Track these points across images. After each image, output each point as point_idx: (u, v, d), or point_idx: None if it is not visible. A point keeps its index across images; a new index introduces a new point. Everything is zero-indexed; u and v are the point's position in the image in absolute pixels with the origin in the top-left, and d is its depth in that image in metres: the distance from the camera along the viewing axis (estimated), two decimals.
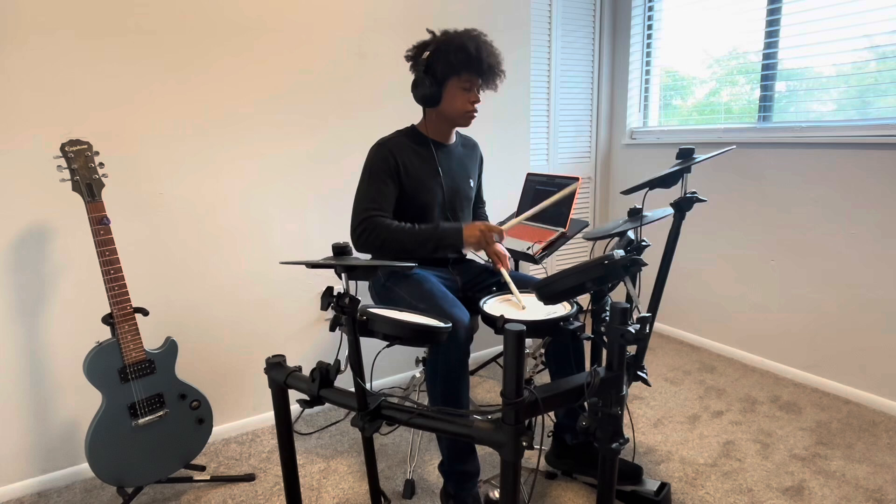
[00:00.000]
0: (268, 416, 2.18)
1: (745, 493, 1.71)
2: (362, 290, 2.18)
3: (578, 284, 1.16)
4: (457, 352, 1.47)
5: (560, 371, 1.71)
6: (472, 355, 2.69)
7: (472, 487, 1.56)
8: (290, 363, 2.17)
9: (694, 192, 1.54)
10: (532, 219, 2.27)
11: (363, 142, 2.18)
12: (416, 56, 1.66)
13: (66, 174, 1.47)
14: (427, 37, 1.66)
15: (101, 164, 1.51)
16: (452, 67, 1.59)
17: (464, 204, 1.82)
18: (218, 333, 2.03)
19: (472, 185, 1.85)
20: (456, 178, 1.78)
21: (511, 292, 1.60)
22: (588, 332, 1.41)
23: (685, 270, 2.90)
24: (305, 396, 1.17)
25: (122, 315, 1.54)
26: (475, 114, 1.69)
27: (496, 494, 1.61)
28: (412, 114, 1.91)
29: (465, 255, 1.92)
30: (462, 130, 1.91)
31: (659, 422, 2.13)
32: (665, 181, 1.48)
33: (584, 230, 1.86)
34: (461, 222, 1.74)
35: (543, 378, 2.23)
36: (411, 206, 1.70)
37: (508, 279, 1.63)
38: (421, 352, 2.16)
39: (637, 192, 1.48)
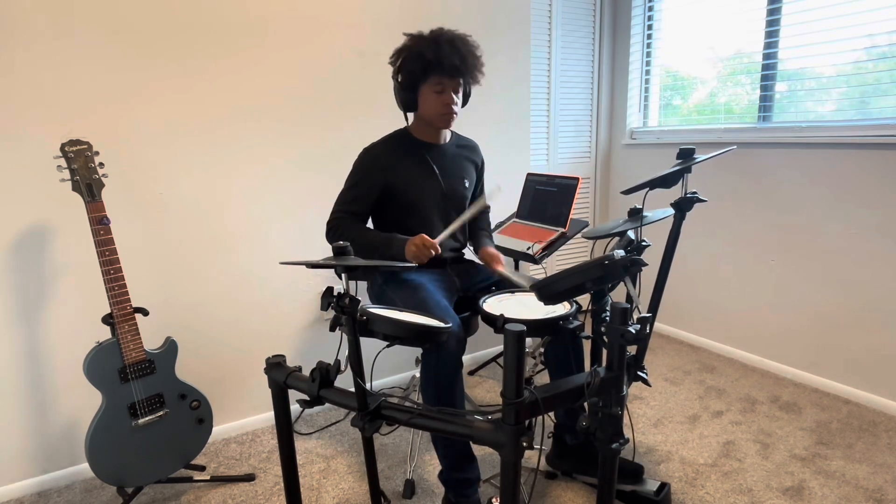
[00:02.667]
0: (268, 416, 2.18)
1: (745, 493, 1.71)
2: (362, 291, 2.18)
3: (578, 284, 1.16)
4: (448, 360, 1.46)
5: (559, 371, 1.71)
6: (472, 355, 2.69)
7: (472, 493, 1.56)
8: (290, 363, 2.16)
9: (694, 193, 1.54)
10: (532, 219, 2.27)
11: (363, 141, 2.16)
12: (393, 63, 1.67)
13: (66, 174, 1.47)
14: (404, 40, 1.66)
15: (101, 164, 1.51)
16: (416, 75, 1.60)
17: (459, 204, 1.82)
18: (218, 333, 2.03)
19: (466, 185, 1.83)
20: (449, 179, 1.78)
21: (515, 284, 1.66)
22: (588, 332, 1.41)
23: (685, 270, 2.90)
24: (305, 396, 1.17)
25: (122, 315, 1.54)
26: (452, 115, 1.67)
27: (497, 501, 1.60)
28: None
29: (463, 255, 1.92)
30: (461, 131, 1.90)
31: (659, 422, 2.13)
32: (665, 181, 1.48)
33: (584, 230, 1.86)
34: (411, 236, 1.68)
35: (543, 378, 2.23)
36: (402, 207, 1.71)
37: (507, 274, 1.67)
38: (421, 352, 2.16)
39: (637, 192, 1.48)
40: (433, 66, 1.57)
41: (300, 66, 2.03)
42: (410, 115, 1.75)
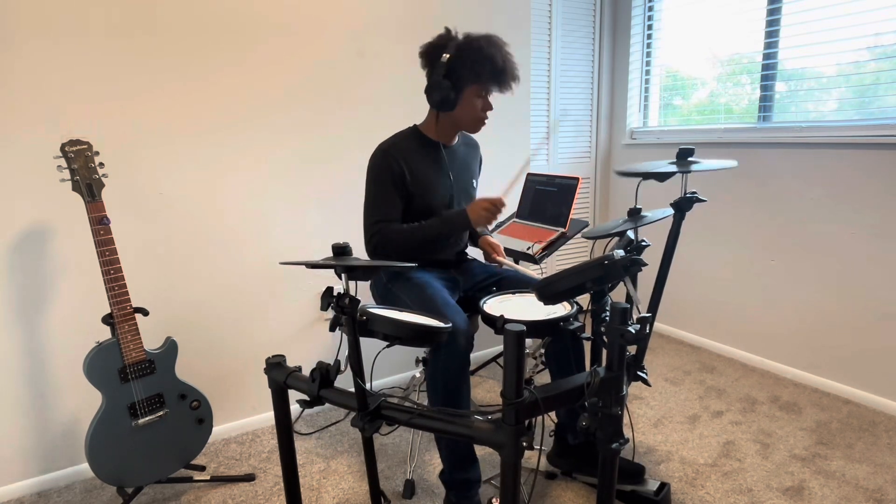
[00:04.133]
0: (268, 416, 2.18)
1: (745, 493, 1.71)
2: (362, 290, 2.18)
3: (578, 284, 1.16)
4: (457, 359, 1.45)
5: (560, 371, 1.71)
6: (472, 355, 2.69)
7: (474, 494, 1.56)
8: (290, 363, 2.16)
9: (694, 192, 1.54)
10: (532, 219, 2.28)
11: (363, 141, 2.17)
12: (431, 55, 1.60)
13: (66, 174, 1.47)
14: (442, 33, 1.61)
15: (101, 164, 1.51)
16: (477, 76, 1.55)
17: (466, 204, 1.82)
18: (218, 333, 2.03)
19: (475, 185, 1.85)
20: (462, 180, 1.78)
21: (520, 274, 1.74)
22: (588, 332, 1.41)
23: (685, 270, 2.90)
24: (305, 396, 1.17)
25: (122, 315, 1.54)
26: (486, 120, 1.68)
27: (497, 502, 1.60)
28: (412, 113, 1.91)
29: (467, 256, 1.92)
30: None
31: (659, 422, 2.13)
32: (661, 175, 1.48)
33: (584, 230, 1.86)
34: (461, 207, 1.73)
35: (543, 378, 2.23)
36: (418, 208, 1.69)
37: (510, 263, 1.75)
38: (421, 352, 2.15)
39: (633, 177, 1.48)
40: (496, 75, 1.56)
41: (300, 65, 2.03)
42: (421, 116, 1.74)
